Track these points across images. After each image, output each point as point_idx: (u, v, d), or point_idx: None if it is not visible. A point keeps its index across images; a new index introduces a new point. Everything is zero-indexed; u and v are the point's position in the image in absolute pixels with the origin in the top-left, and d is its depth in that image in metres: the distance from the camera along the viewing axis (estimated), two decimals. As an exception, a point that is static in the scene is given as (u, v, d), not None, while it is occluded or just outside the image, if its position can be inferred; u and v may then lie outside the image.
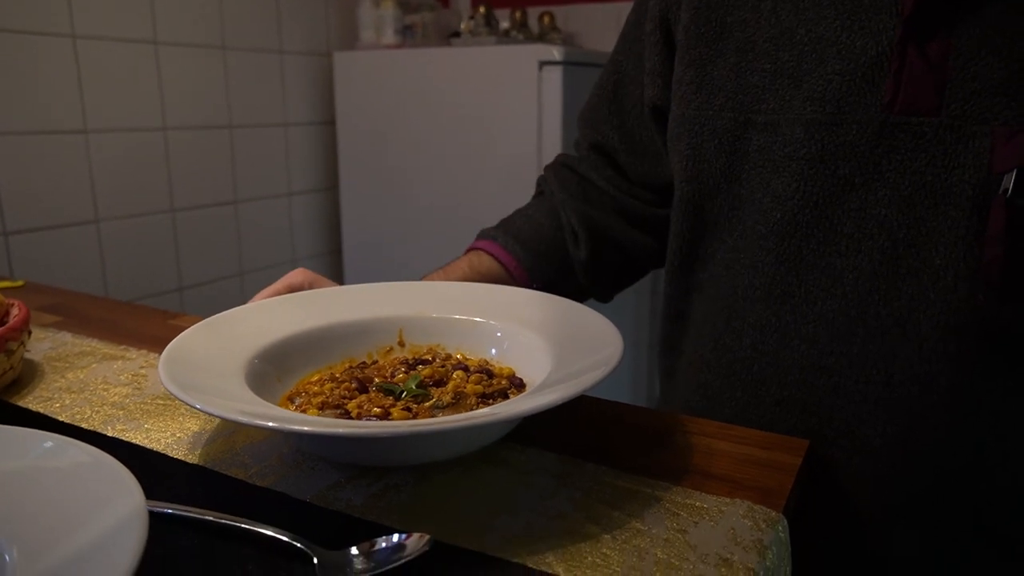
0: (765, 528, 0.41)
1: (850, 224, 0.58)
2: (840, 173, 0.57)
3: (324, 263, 2.14)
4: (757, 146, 0.62)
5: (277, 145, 1.93)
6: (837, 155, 0.57)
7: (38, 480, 0.34)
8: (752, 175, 0.62)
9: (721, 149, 0.64)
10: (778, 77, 0.60)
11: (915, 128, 0.54)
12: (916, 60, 0.54)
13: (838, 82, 0.57)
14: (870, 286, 0.57)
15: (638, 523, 0.41)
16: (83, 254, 1.54)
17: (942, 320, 0.55)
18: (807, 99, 0.58)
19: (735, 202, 0.65)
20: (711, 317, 0.68)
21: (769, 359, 0.63)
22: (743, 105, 0.62)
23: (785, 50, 0.60)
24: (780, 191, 0.60)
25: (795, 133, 0.59)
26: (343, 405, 0.50)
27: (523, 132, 1.66)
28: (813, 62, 0.58)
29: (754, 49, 0.61)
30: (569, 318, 0.57)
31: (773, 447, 0.50)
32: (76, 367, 0.66)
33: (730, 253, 0.66)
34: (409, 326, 0.61)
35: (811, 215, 0.59)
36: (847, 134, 0.57)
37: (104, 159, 1.55)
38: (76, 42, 1.47)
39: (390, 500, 0.44)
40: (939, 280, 0.55)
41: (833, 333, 0.59)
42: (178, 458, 0.49)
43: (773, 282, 0.62)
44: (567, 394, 0.42)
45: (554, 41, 2.04)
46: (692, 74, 0.66)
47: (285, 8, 1.89)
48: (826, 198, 0.58)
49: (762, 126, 0.61)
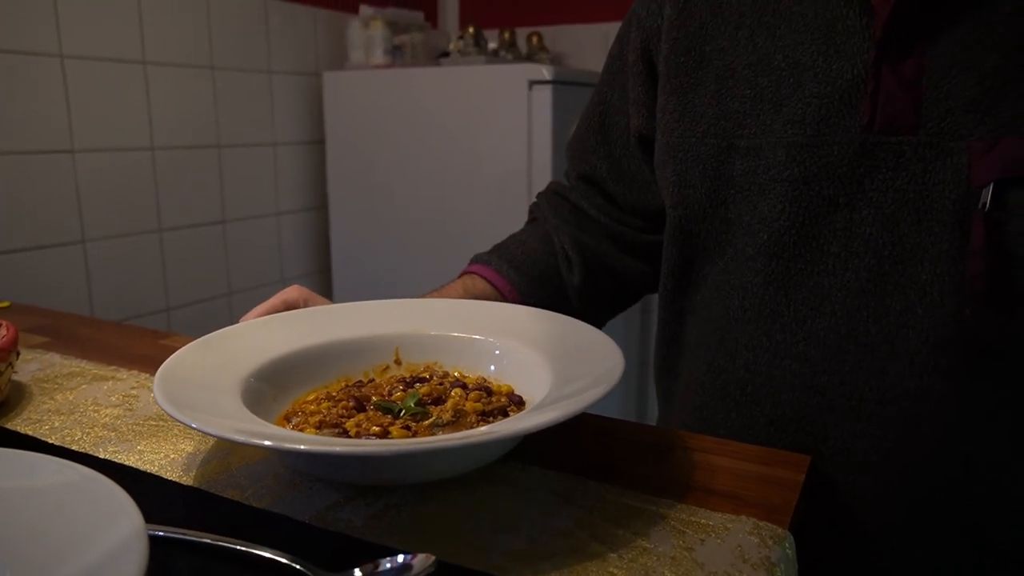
0: (772, 545, 0.40)
1: (836, 243, 0.58)
2: (824, 193, 0.58)
3: (313, 282, 2.12)
4: (741, 170, 0.63)
5: (266, 165, 1.93)
6: (820, 176, 0.58)
7: (35, 502, 0.33)
8: (738, 199, 0.63)
9: (706, 174, 0.65)
10: (758, 102, 0.61)
11: (895, 147, 0.55)
12: (891, 81, 0.55)
13: (817, 105, 0.58)
14: (858, 303, 0.58)
15: (644, 541, 0.41)
16: (69, 274, 1.52)
17: (931, 335, 0.55)
18: (787, 122, 0.59)
19: (723, 226, 0.65)
20: (704, 339, 0.69)
21: (762, 379, 0.63)
22: (725, 131, 0.63)
23: (763, 76, 0.61)
24: (766, 213, 0.61)
25: (777, 156, 0.60)
26: (341, 424, 0.49)
27: (513, 151, 1.66)
28: (791, 86, 0.59)
29: (733, 76, 0.63)
30: (568, 334, 0.57)
31: (774, 463, 0.50)
32: (65, 388, 0.64)
33: (720, 276, 0.66)
34: (406, 344, 0.61)
35: (797, 236, 0.60)
36: (828, 155, 0.58)
37: (91, 179, 1.53)
38: (64, 62, 1.46)
39: (391, 520, 0.43)
40: (926, 295, 0.55)
41: (824, 351, 0.60)
42: (172, 480, 0.48)
43: (763, 303, 0.63)
44: (569, 411, 0.42)
45: (542, 61, 2.06)
46: (675, 102, 0.67)
47: (274, 28, 1.90)
48: (811, 218, 0.59)
49: (745, 150, 0.62)
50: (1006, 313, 0.53)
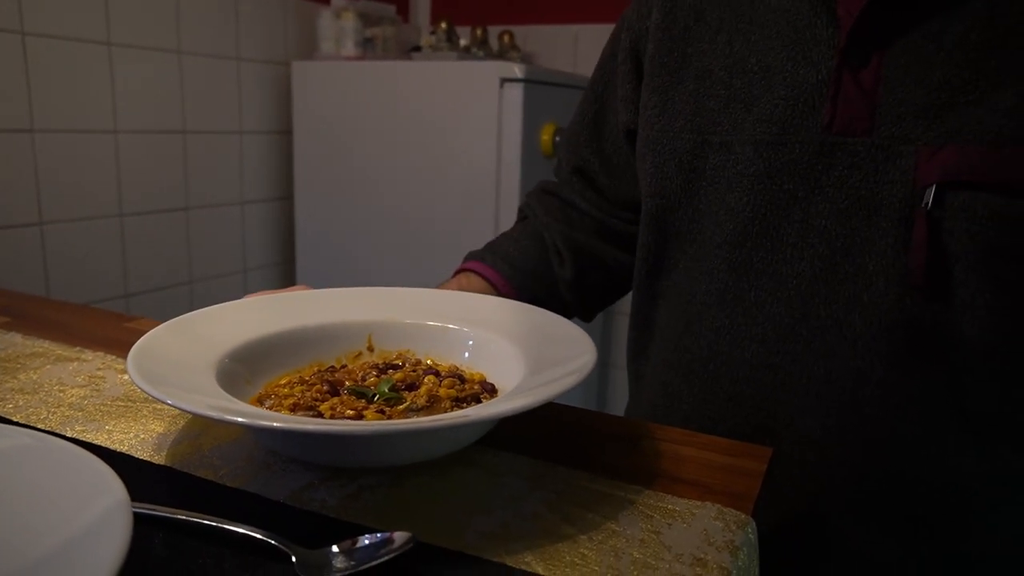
0: (736, 530, 0.42)
1: (793, 234, 0.63)
2: (785, 188, 0.63)
3: (276, 273, 2.10)
4: (713, 164, 0.67)
5: (232, 152, 1.90)
6: (782, 172, 0.63)
7: (15, 474, 0.33)
8: (709, 191, 0.68)
9: (681, 167, 0.69)
10: (731, 102, 0.65)
11: (850, 147, 0.60)
12: (851, 87, 0.59)
13: (783, 106, 0.62)
14: (812, 290, 0.62)
15: (613, 524, 0.42)
16: (26, 257, 1.49)
17: (875, 320, 0.60)
18: (757, 121, 0.64)
19: (694, 215, 0.69)
20: (673, 322, 0.73)
21: (723, 358, 0.67)
22: (700, 127, 0.68)
23: (738, 77, 0.65)
24: (733, 205, 0.66)
25: (746, 152, 0.64)
26: (315, 407, 0.50)
27: (482, 147, 1.67)
28: (762, 88, 0.64)
29: (711, 77, 0.67)
30: (541, 325, 0.58)
31: (738, 454, 0.51)
32: (28, 368, 0.64)
33: (690, 262, 0.71)
34: (379, 331, 0.61)
35: (759, 226, 0.64)
36: (791, 153, 0.62)
37: (51, 160, 1.50)
38: (25, 39, 1.43)
39: (365, 501, 0.43)
40: (872, 284, 0.60)
41: (780, 333, 0.64)
42: (143, 459, 0.48)
43: (726, 288, 0.67)
44: (541, 398, 0.42)
45: (513, 59, 2.07)
46: (656, 99, 0.72)
47: (244, 15, 1.87)
48: (772, 211, 0.64)
49: (717, 146, 0.66)
50: (943, 303, 0.58)
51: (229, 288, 1.95)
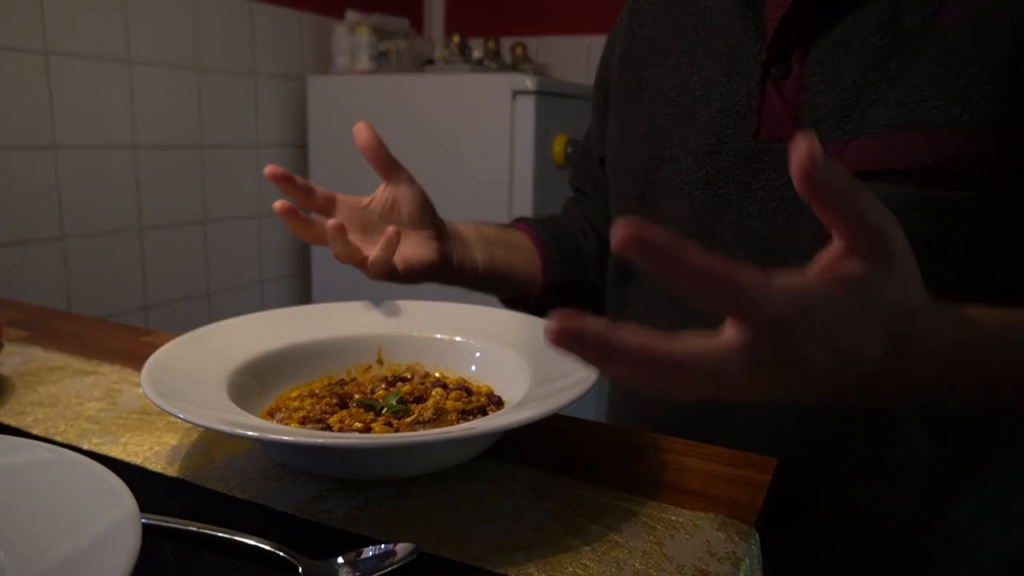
0: (738, 541, 0.42)
1: (727, 235, 0.66)
2: (720, 193, 0.66)
3: (293, 285, 2.13)
4: (664, 176, 0.71)
5: (248, 167, 1.93)
6: (718, 178, 0.66)
7: (29, 486, 0.34)
8: (659, 200, 0.72)
9: (636, 181, 0.74)
10: (679, 118, 0.70)
11: (776, 152, 0.63)
12: (775, 97, 0.63)
13: (719, 118, 0.66)
14: None
15: (616, 536, 0.42)
16: (48, 271, 1.51)
17: None
18: (698, 133, 0.68)
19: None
20: (635, 324, 0.74)
21: None
22: (654, 144, 0.72)
23: (684, 95, 0.70)
24: (676, 211, 0.70)
25: (687, 162, 0.68)
26: (324, 420, 0.51)
27: (495, 160, 1.68)
28: (703, 103, 0.68)
29: (662, 97, 0.72)
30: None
31: (742, 465, 0.52)
32: (48, 381, 0.65)
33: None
34: (388, 344, 0.62)
35: (696, 230, 0.68)
36: (726, 160, 0.66)
37: (72, 175, 1.53)
38: (48, 58, 1.46)
39: (372, 512, 0.44)
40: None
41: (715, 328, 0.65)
42: (156, 471, 0.49)
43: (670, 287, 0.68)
44: (546, 410, 0.43)
45: (526, 71, 2.08)
46: (618, 124, 0.77)
47: (260, 31, 1.90)
48: (709, 215, 0.67)
49: (668, 159, 0.71)
50: None
51: (247, 300, 1.98)
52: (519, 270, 0.85)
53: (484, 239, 0.82)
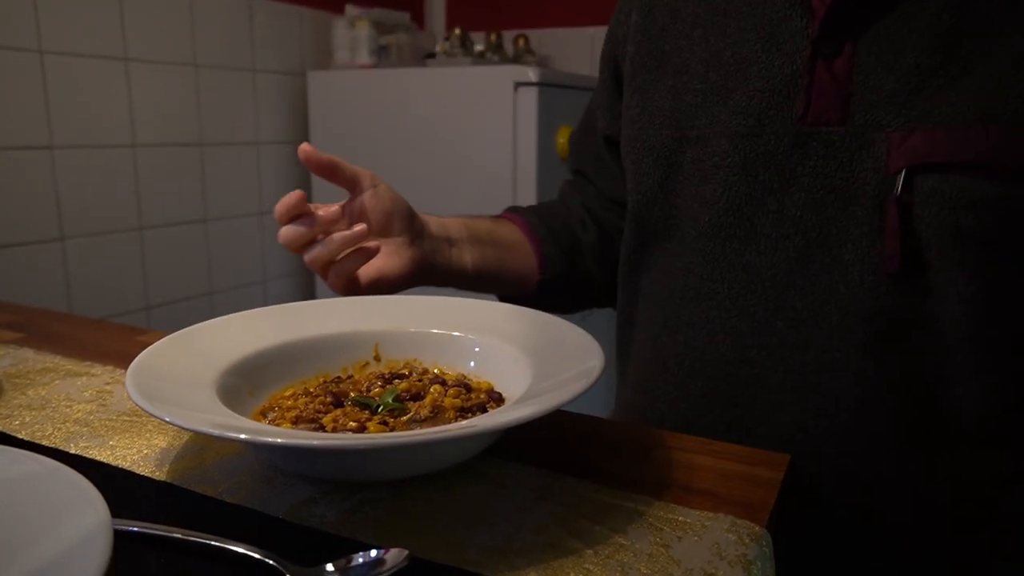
0: (749, 543, 0.40)
1: (768, 225, 0.62)
2: (760, 179, 0.62)
3: (296, 283, 2.11)
4: (690, 159, 0.67)
5: (249, 164, 1.91)
6: (757, 163, 0.62)
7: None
8: (685, 185, 0.68)
9: (658, 163, 0.69)
10: (708, 95, 0.66)
11: (824, 137, 0.59)
12: (824, 76, 0.59)
13: (759, 98, 0.62)
14: (786, 281, 0.62)
15: (621, 538, 0.40)
16: (47, 272, 1.50)
17: (850, 310, 0.59)
18: (733, 114, 0.64)
19: (671, 211, 0.69)
20: (651, 320, 0.73)
21: (698, 354, 0.67)
22: (679, 122, 0.68)
23: (714, 70, 0.65)
24: (708, 197, 0.65)
25: (722, 145, 0.64)
26: (318, 419, 0.49)
27: (498, 153, 1.66)
28: (738, 80, 0.64)
29: (688, 71, 0.67)
30: (549, 332, 0.57)
31: (754, 462, 0.50)
32: (37, 384, 0.63)
33: (667, 258, 0.71)
34: (385, 340, 0.60)
35: (734, 218, 0.64)
36: (766, 144, 0.62)
37: (71, 175, 1.52)
38: (44, 57, 1.44)
39: (365, 515, 0.42)
40: (847, 274, 0.59)
41: (754, 326, 0.63)
42: (145, 475, 0.48)
43: (701, 281, 0.67)
44: (546, 406, 0.41)
45: (528, 63, 2.06)
46: (637, 99, 0.72)
47: (259, 26, 1.89)
48: (747, 202, 0.63)
49: (695, 140, 0.66)
50: (918, 291, 0.57)
51: (249, 299, 1.96)
52: (513, 268, 0.82)
53: (474, 238, 0.79)
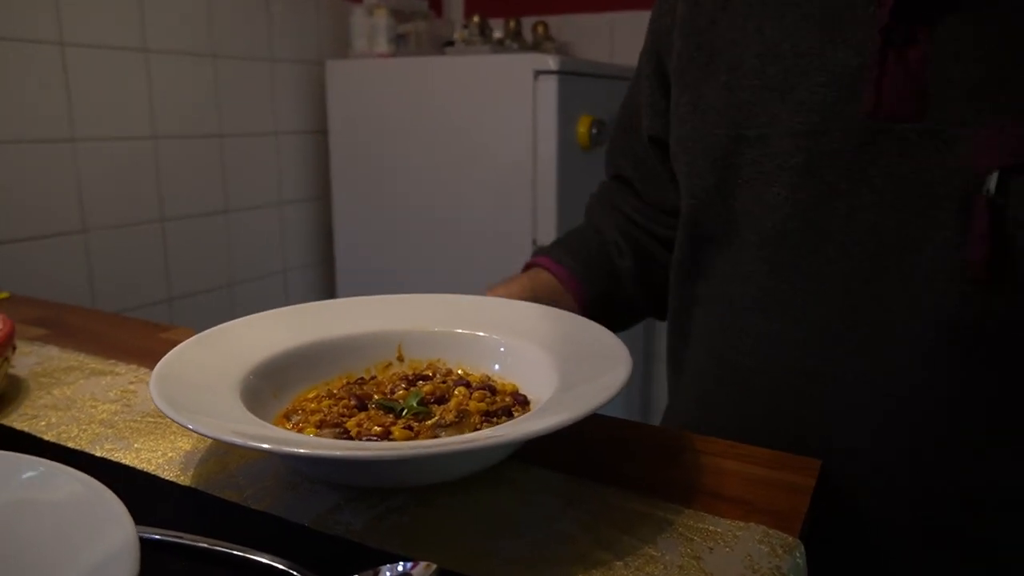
0: (783, 554, 0.39)
1: (838, 230, 0.58)
2: (827, 180, 0.58)
3: (316, 273, 2.11)
4: (749, 160, 0.63)
5: (268, 154, 1.91)
6: (823, 163, 0.58)
7: (22, 511, 0.32)
8: (745, 188, 0.63)
9: (715, 165, 0.65)
10: (766, 92, 0.61)
11: (898, 134, 0.55)
12: (895, 68, 0.55)
13: (822, 94, 0.58)
14: (859, 290, 0.58)
15: (651, 549, 0.40)
16: (70, 265, 1.51)
17: (931, 321, 0.55)
18: (794, 111, 0.59)
19: (730, 215, 0.66)
20: (709, 329, 0.69)
21: (762, 367, 0.64)
22: (735, 121, 0.63)
23: (771, 65, 0.61)
24: (770, 201, 0.61)
25: (783, 145, 0.60)
26: (342, 424, 0.48)
27: (518, 141, 1.65)
28: (798, 75, 0.59)
29: (742, 67, 0.63)
30: (574, 333, 0.56)
31: (784, 467, 0.49)
32: (63, 383, 0.64)
33: (726, 265, 0.67)
34: (408, 340, 0.60)
35: (800, 223, 0.60)
36: (832, 143, 0.58)
37: (92, 168, 1.52)
38: (64, 49, 1.44)
39: (391, 524, 0.42)
40: (929, 282, 0.55)
41: (824, 338, 0.60)
42: (169, 479, 0.47)
43: (765, 291, 0.63)
44: (576, 414, 0.40)
45: (548, 50, 2.04)
46: (687, 97, 0.68)
47: (277, 16, 1.88)
48: (814, 206, 0.59)
49: (753, 140, 0.62)
50: (1009, 301, 0.53)
51: (270, 290, 1.97)
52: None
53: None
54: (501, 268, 1.73)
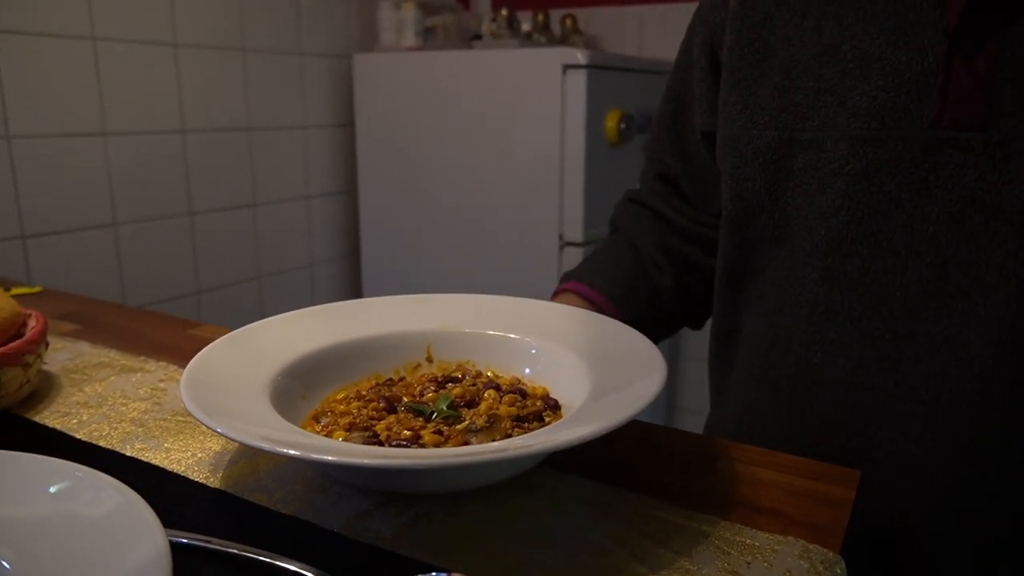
0: (823, 571, 0.38)
1: (897, 241, 0.56)
2: (885, 189, 0.56)
3: (342, 267, 2.12)
4: (802, 164, 0.61)
5: (296, 148, 1.92)
6: (882, 171, 0.56)
7: (56, 520, 0.31)
8: (797, 193, 0.62)
9: (765, 167, 0.63)
10: (822, 94, 0.59)
11: (963, 143, 0.53)
12: (963, 74, 0.52)
13: (883, 98, 0.56)
14: (918, 304, 0.56)
15: (686, 562, 0.39)
16: (101, 258, 1.53)
17: (994, 338, 0.53)
18: (852, 116, 0.57)
19: (780, 220, 0.64)
20: (757, 334, 0.67)
21: (814, 377, 0.62)
22: (787, 123, 0.61)
23: (829, 67, 0.59)
24: (825, 208, 0.59)
25: (840, 150, 0.58)
26: (371, 427, 0.48)
27: (545, 136, 1.64)
28: (857, 78, 0.57)
29: (797, 67, 0.61)
30: (608, 336, 0.55)
31: (822, 477, 0.47)
32: (94, 380, 0.64)
33: (776, 271, 0.65)
34: (438, 341, 0.59)
35: (856, 232, 0.58)
36: (893, 150, 0.56)
37: (122, 162, 1.54)
38: (96, 44, 1.46)
39: (421, 531, 0.41)
40: (990, 298, 0.53)
41: (879, 352, 0.58)
42: (199, 481, 0.47)
43: (818, 300, 0.61)
44: (608, 425, 0.39)
45: (576, 44, 2.02)
46: (737, 95, 0.66)
47: (305, 10, 1.88)
48: (871, 215, 0.57)
49: (807, 144, 0.60)
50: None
51: (297, 283, 1.98)
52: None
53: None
54: (527, 263, 1.72)
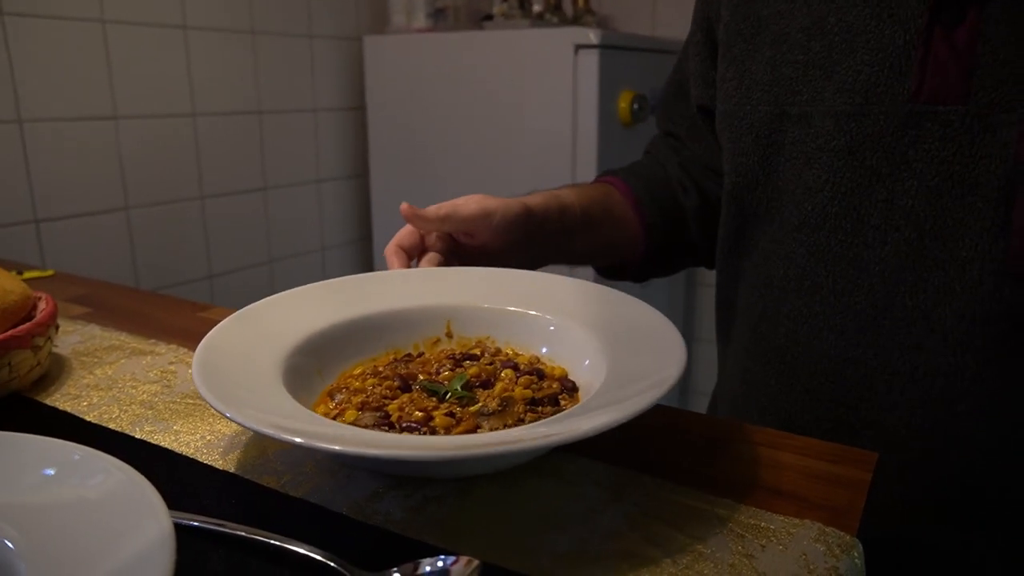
0: (840, 554, 0.37)
1: (877, 215, 0.57)
2: (867, 164, 0.57)
3: (354, 251, 2.12)
4: (792, 139, 0.62)
5: (306, 131, 1.91)
6: (865, 146, 0.57)
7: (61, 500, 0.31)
8: (787, 167, 0.62)
9: (758, 142, 0.64)
10: (810, 68, 0.60)
11: (941, 117, 0.53)
12: (942, 47, 0.52)
13: (867, 72, 0.56)
14: (896, 277, 0.57)
15: (701, 546, 0.38)
16: (113, 242, 1.53)
17: (968, 312, 0.54)
18: (837, 90, 0.58)
19: (773, 193, 0.65)
20: (751, 305, 0.69)
21: (801, 349, 0.63)
22: (778, 98, 0.62)
23: (817, 40, 0.59)
24: (811, 183, 0.60)
25: (826, 125, 0.59)
26: (383, 407, 0.47)
27: (557, 118, 1.62)
28: (843, 52, 0.57)
29: (788, 41, 0.61)
30: (627, 316, 0.54)
31: (840, 460, 0.46)
32: (104, 363, 0.64)
33: (769, 244, 0.66)
34: (457, 316, 0.58)
35: (839, 207, 0.59)
36: (874, 124, 0.56)
37: (134, 146, 1.53)
38: (105, 27, 1.45)
39: (431, 514, 0.41)
40: (965, 272, 0.54)
41: (860, 324, 0.59)
42: (208, 463, 0.47)
43: (804, 273, 0.62)
44: (624, 415, 0.38)
45: (588, 24, 2.00)
46: (734, 71, 0.67)
47: (315, -9, 1.87)
48: (854, 189, 0.58)
49: (796, 118, 0.61)
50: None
51: (309, 267, 1.97)
52: (619, 243, 0.77)
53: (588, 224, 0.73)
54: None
